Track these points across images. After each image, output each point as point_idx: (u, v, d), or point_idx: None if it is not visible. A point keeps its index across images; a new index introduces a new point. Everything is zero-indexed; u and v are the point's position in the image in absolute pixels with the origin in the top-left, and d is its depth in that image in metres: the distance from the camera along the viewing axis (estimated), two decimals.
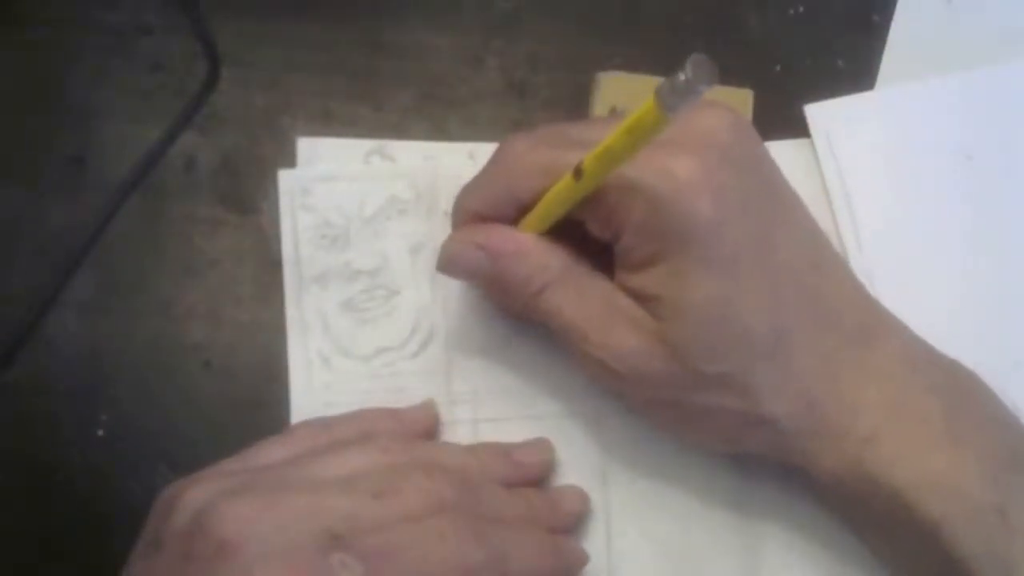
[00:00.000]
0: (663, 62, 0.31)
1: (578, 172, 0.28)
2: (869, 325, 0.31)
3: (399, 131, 0.38)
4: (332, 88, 0.38)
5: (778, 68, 0.39)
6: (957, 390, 0.31)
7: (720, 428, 0.31)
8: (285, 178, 0.36)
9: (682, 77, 0.23)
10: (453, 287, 0.36)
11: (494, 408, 0.35)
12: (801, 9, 0.40)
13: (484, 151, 0.35)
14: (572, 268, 0.31)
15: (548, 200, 0.30)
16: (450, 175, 0.36)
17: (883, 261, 0.36)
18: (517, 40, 0.39)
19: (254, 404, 0.35)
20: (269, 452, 0.31)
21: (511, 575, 0.29)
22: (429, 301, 0.36)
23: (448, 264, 0.32)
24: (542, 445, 0.34)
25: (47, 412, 0.35)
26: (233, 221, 0.37)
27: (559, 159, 0.30)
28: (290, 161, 0.37)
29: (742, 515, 0.34)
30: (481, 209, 0.32)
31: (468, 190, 0.33)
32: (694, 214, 0.28)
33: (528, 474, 0.33)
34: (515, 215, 0.32)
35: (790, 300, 0.30)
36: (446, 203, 0.36)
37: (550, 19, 0.39)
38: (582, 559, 0.33)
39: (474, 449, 0.34)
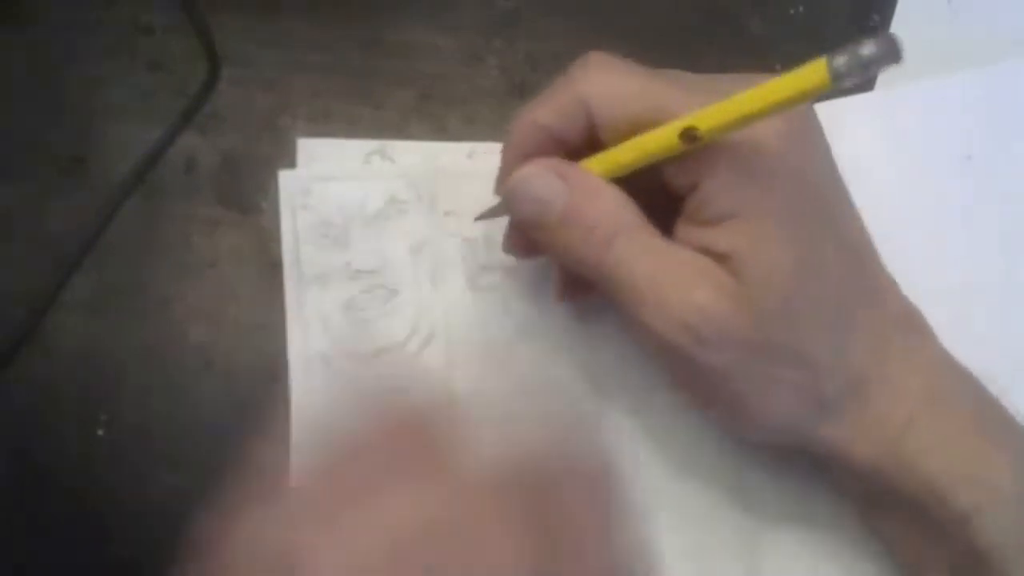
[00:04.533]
0: (663, 63, 0.31)
1: (690, 136, 0.26)
2: (910, 313, 0.31)
3: (399, 131, 0.38)
4: (332, 88, 0.38)
5: (778, 68, 0.39)
6: (983, 389, 0.31)
7: (772, 406, 0.29)
8: (285, 178, 0.36)
9: (866, 51, 0.22)
10: (453, 287, 0.36)
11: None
12: (801, 9, 0.40)
13: (484, 151, 0.35)
14: (644, 220, 0.29)
15: (638, 150, 0.28)
16: (450, 175, 0.36)
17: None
18: (517, 40, 0.39)
19: (254, 404, 0.35)
20: None
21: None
22: (429, 301, 0.36)
23: (520, 186, 0.29)
24: None
25: (47, 412, 0.35)
26: (233, 221, 0.37)
27: (661, 106, 0.27)
28: (290, 161, 0.37)
29: (745, 515, 0.34)
30: (549, 121, 0.29)
31: (534, 104, 0.30)
32: (795, 173, 0.27)
33: None
34: (579, 143, 0.29)
35: (850, 276, 0.29)
36: (446, 203, 0.36)
37: (550, 19, 0.39)
38: None
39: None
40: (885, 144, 0.38)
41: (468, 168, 0.33)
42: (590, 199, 0.29)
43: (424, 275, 0.36)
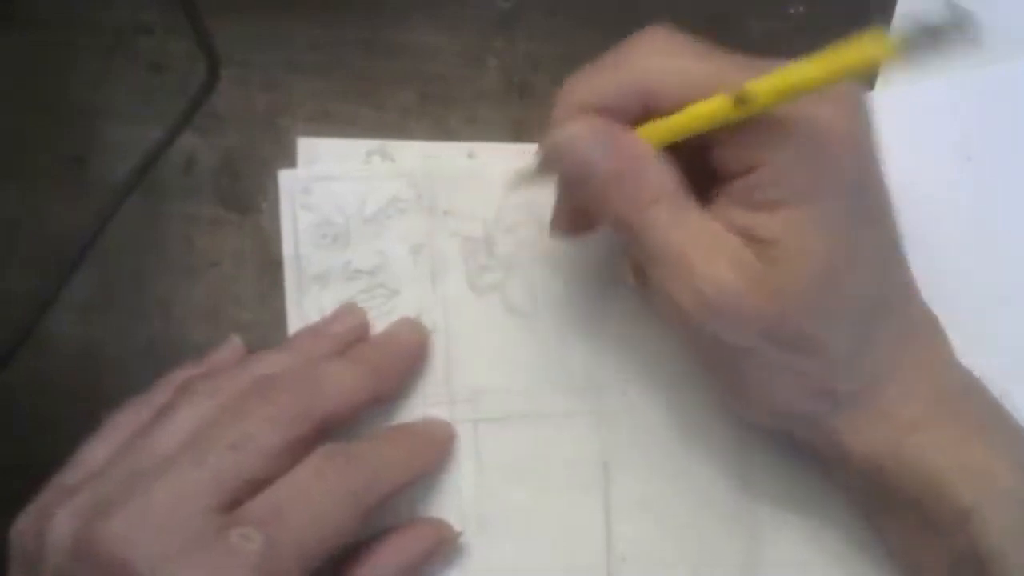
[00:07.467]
0: None
1: (742, 99, 0.26)
2: (929, 319, 0.32)
3: (399, 131, 0.38)
4: (332, 88, 0.38)
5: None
6: (989, 396, 0.31)
7: (783, 392, 0.30)
8: (285, 178, 0.36)
9: (933, 19, 0.21)
10: (453, 287, 0.36)
11: (494, 408, 0.35)
12: (801, 9, 0.40)
13: (484, 151, 0.36)
14: (685, 191, 0.29)
15: (691, 116, 0.27)
16: (450, 175, 0.36)
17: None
18: (517, 40, 0.39)
19: None
20: (97, 450, 0.30)
21: (385, 488, 0.30)
22: (429, 301, 0.36)
23: (564, 147, 0.29)
24: (350, 309, 0.35)
25: (47, 412, 0.35)
26: (233, 221, 0.37)
27: (713, 74, 0.27)
28: (290, 161, 0.37)
29: (745, 512, 0.34)
30: (599, 100, 0.28)
31: (586, 76, 0.29)
32: (856, 166, 0.27)
33: (347, 341, 0.34)
34: (632, 119, 0.29)
35: (882, 276, 0.29)
36: (446, 203, 0.36)
37: (550, 18, 0.39)
38: (448, 434, 0.34)
39: (289, 344, 0.34)
40: (885, 144, 0.37)
41: (468, 168, 0.33)
42: (634, 164, 0.28)
43: (424, 275, 0.36)
